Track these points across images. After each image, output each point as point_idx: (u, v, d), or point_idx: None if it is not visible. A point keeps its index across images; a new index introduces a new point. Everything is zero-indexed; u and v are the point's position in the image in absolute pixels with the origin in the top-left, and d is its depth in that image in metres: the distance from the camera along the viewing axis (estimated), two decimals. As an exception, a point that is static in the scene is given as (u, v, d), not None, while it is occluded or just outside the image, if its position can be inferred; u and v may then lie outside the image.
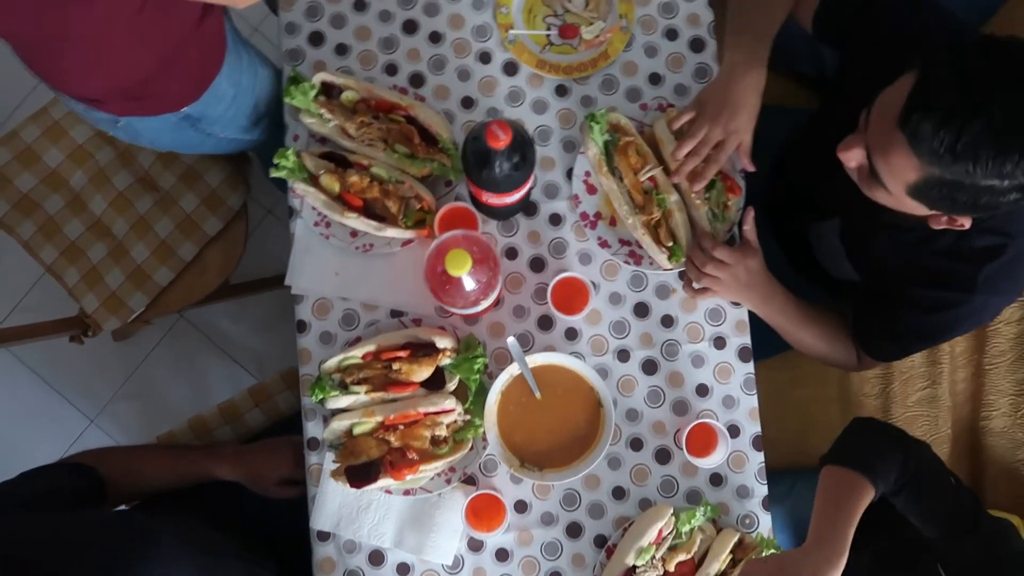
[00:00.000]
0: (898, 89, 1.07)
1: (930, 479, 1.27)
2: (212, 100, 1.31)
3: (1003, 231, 1.22)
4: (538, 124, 1.47)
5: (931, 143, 1.01)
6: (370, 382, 1.36)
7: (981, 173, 1.01)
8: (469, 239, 1.15)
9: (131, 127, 1.29)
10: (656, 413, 1.43)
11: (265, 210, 2.31)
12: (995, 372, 1.77)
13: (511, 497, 1.41)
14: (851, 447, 1.32)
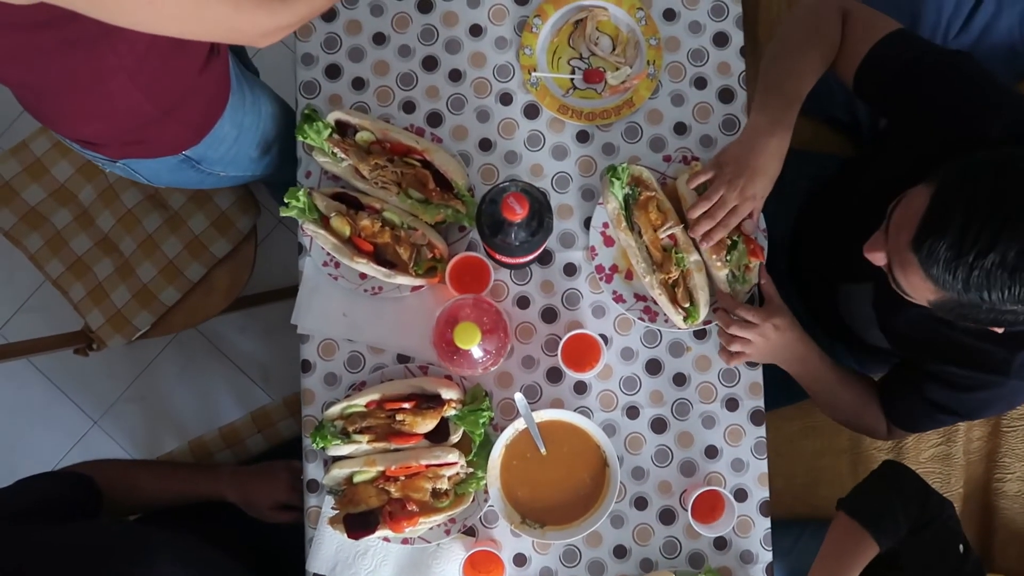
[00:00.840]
0: (914, 205, 1.04)
1: (939, 538, 1.27)
2: (213, 142, 1.28)
3: None
4: (557, 170, 1.43)
5: (943, 274, 1.00)
6: (373, 431, 1.34)
7: (998, 301, 0.99)
8: (479, 306, 1.12)
9: (129, 168, 1.26)
10: (663, 473, 1.40)
11: (276, 219, 2.28)
12: (1013, 434, 1.73)
13: (510, 550, 1.39)
14: (868, 498, 1.33)
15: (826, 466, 1.76)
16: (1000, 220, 0.97)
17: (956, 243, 0.99)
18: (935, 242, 1.01)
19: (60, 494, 1.35)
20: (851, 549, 1.29)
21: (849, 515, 1.32)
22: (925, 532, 1.27)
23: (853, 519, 1.31)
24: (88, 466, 1.45)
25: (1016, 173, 0.99)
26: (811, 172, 1.65)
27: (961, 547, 1.27)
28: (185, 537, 1.35)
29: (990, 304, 1.01)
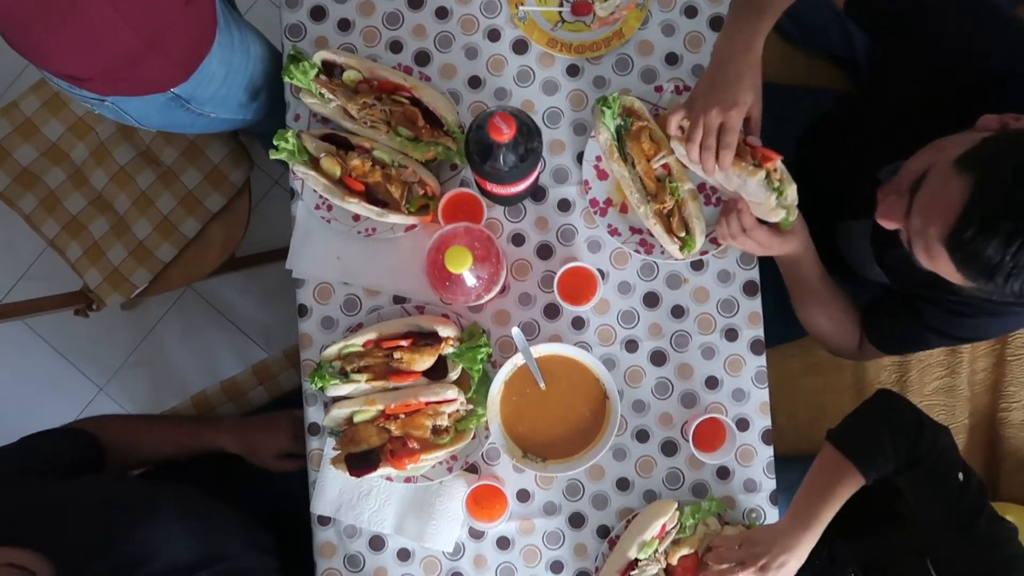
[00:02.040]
0: (948, 193, 0.99)
1: (935, 469, 1.25)
2: (202, 80, 1.26)
3: None
4: (548, 106, 1.41)
5: (978, 277, 0.99)
6: (371, 370, 1.34)
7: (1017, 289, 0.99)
8: (471, 233, 1.11)
9: (118, 107, 1.25)
10: (664, 405, 1.40)
11: (272, 180, 2.27)
12: (1017, 363, 1.72)
13: (513, 486, 1.39)
14: (856, 430, 1.31)
15: (828, 403, 1.75)
16: None
17: (1000, 254, 0.96)
18: (975, 246, 0.97)
19: (63, 450, 1.37)
20: (835, 480, 1.26)
21: (836, 447, 1.29)
22: (922, 464, 1.25)
23: (839, 451, 1.28)
24: (91, 422, 1.47)
25: None
26: (808, 108, 1.63)
27: (960, 475, 1.24)
28: (186, 489, 1.36)
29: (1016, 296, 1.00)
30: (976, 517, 1.22)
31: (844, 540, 1.54)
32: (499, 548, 1.40)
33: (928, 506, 1.27)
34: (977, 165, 0.99)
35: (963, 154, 1.01)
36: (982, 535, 1.22)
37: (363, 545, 1.40)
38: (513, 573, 1.39)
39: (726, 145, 1.24)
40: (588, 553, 1.39)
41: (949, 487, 1.24)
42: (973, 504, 1.23)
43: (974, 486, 1.24)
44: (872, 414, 1.32)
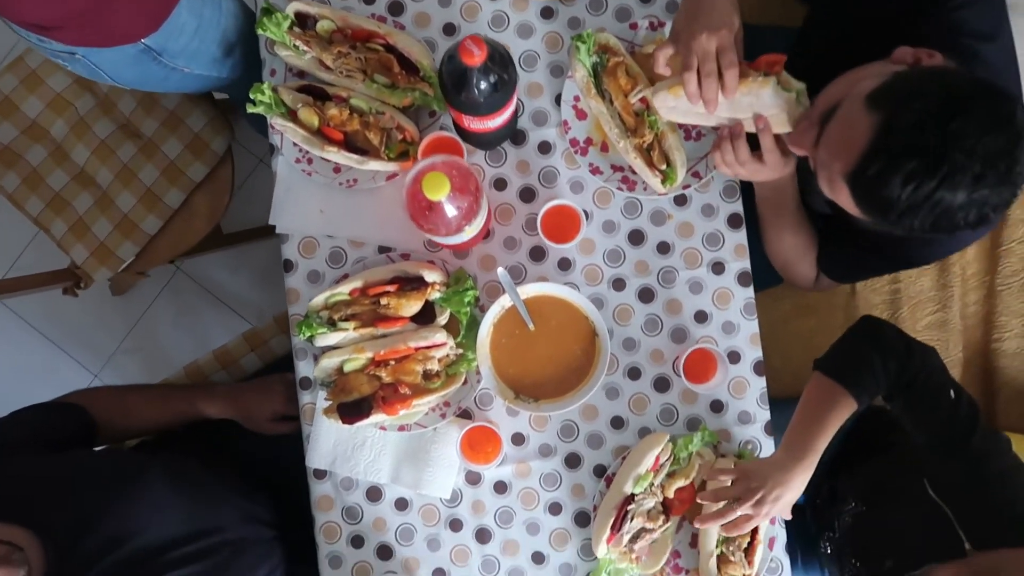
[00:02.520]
0: (853, 129, 1.02)
1: (926, 390, 1.24)
2: (173, 31, 1.26)
3: None
4: (524, 49, 1.41)
5: (874, 212, 1.04)
6: (358, 318, 1.34)
7: (920, 231, 1.03)
8: (448, 164, 1.11)
9: (89, 60, 1.25)
10: (654, 341, 1.40)
11: (256, 159, 2.27)
12: (1008, 292, 1.72)
13: (508, 430, 1.39)
14: (844, 355, 1.30)
15: (822, 343, 1.72)
16: (944, 173, 0.97)
17: (897, 193, 0.99)
18: (874, 185, 1.01)
19: (52, 424, 1.36)
20: (827, 407, 1.25)
21: (825, 373, 1.28)
22: (912, 388, 1.24)
23: (829, 377, 1.27)
24: (81, 395, 1.46)
25: (966, 117, 0.97)
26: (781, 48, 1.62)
27: (952, 393, 1.24)
28: (178, 461, 1.35)
29: (911, 232, 1.04)
30: (969, 434, 1.22)
31: (844, 474, 1.54)
32: (496, 492, 1.39)
33: (922, 426, 1.26)
34: (884, 104, 1.01)
35: (873, 90, 1.03)
36: (976, 451, 1.22)
37: (360, 496, 1.40)
38: (512, 517, 1.39)
39: (728, 65, 1.17)
40: (586, 493, 1.39)
41: (941, 406, 1.24)
42: (966, 421, 1.23)
43: (966, 404, 1.24)
44: (859, 339, 1.31)
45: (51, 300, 2.22)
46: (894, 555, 1.30)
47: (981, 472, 1.22)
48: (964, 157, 0.96)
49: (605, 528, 1.31)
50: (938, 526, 1.25)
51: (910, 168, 0.98)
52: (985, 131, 0.97)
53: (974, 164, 0.97)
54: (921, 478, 1.30)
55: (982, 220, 1.02)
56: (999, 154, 0.97)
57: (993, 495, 1.21)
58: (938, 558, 1.21)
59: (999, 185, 0.99)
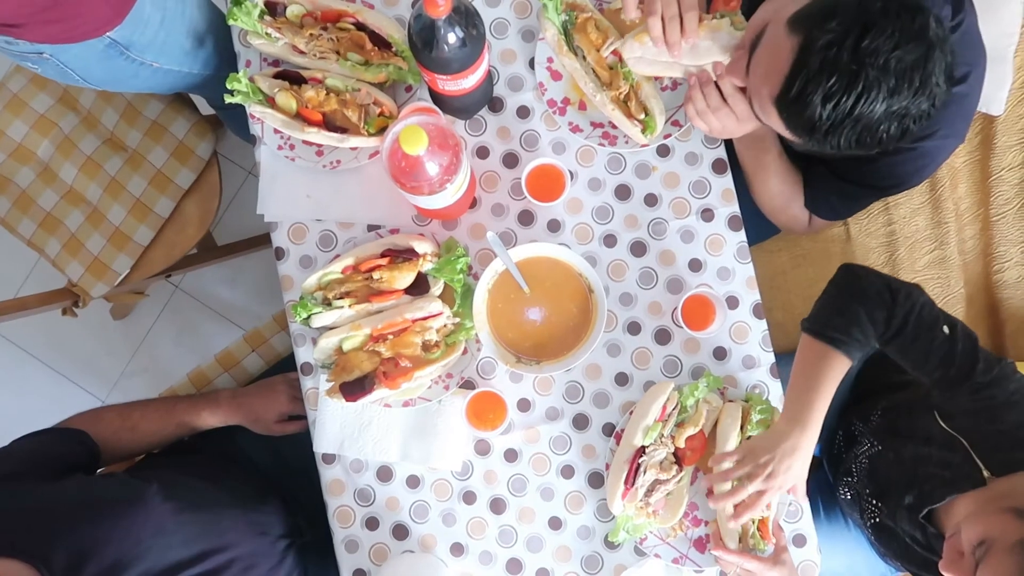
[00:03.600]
0: (778, 55, 1.05)
1: (918, 330, 1.21)
2: (138, 23, 1.27)
3: None
4: (493, 17, 1.42)
5: (802, 133, 1.07)
6: (353, 295, 1.34)
7: (848, 149, 1.07)
8: (425, 121, 1.11)
9: (58, 60, 1.26)
10: (650, 294, 1.39)
11: (245, 171, 2.29)
12: (1003, 222, 1.71)
13: (513, 396, 1.38)
14: (828, 312, 1.27)
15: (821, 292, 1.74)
16: (860, 89, 1.00)
17: (817, 112, 1.03)
18: (797, 106, 1.04)
19: (53, 451, 1.33)
20: (821, 369, 1.22)
21: (813, 335, 1.25)
22: (903, 331, 1.21)
23: (817, 339, 1.24)
24: (82, 419, 1.44)
25: (878, 32, 1.00)
26: None
27: (945, 327, 1.21)
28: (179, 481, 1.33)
29: (834, 151, 1.08)
30: (971, 365, 1.19)
31: (858, 418, 1.52)
32: (507, 461, 1.38)
33: (922, 366, 1.23)
34: (802, 26, 1.04)
35: (794, 14, 1.06)
36: (981, 381, 1.19)
37: (371, 477, 1.39)
38: (525, 484, 1.38)
39: (687, 8, 1.22)
40: (597, 453, 1.37)
41: (936, 343, 1.20)
42: (965, 354, 1.20)
43: (961, 336, 1.21)
44: (840, 293, 1.28)
45: (54, 330, 2.23)
46: (913, 490, 1.27)
47: (990, 401, 1.19)
48: (878, 72, 1.00)
49: (619, 483, 1.30)
50: (955, 457, 1.23)
51: (828, 87, 1.01)
52: (897, 45, 1.00)
53: (888, 78, 1.00)
54: (931, 411, 1.29)
55: (904, 132, 1.05)
56: (912, 67, 1.00)
57: (1006, 420, 1.18)
58: (958, 488, 1.19)
59: (915, 97, 1.02)
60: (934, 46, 1.01)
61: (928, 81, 1.02)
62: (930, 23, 1.02)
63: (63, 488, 1.24)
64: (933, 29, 1.01)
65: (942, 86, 1.04)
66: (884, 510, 1.36)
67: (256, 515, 1.40)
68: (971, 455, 1.18)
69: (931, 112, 1.05)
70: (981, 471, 1.17)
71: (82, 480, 1.31)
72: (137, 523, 1.19)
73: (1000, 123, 1.70)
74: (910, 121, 1.04)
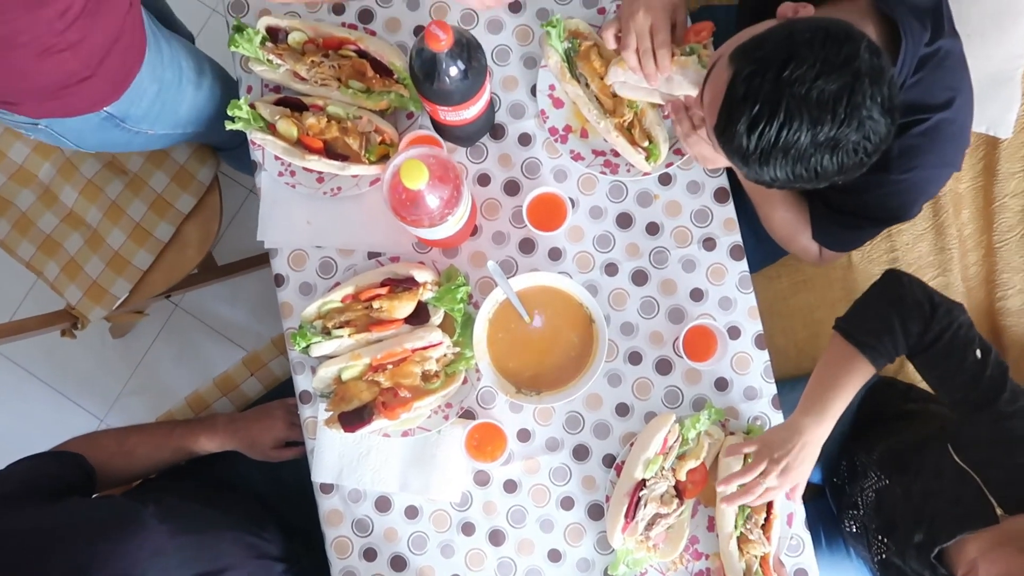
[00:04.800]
0: (718, 86, 1.05)
1: (951, 348, 1.20)
2: (134, 97, 1.26)
3: (916, 107, 1.18)
4: (496, 44, 1.42)
5: (739, 163, 1.06)
6: (352, 324, 1.33)
7: (786, 182, 1.06)
8: (426, 154, 1.11)
9: (52, 130, 1.25)
10: (652, 324, 1.38)
11: (247, 190, 2.28)
12: (1006, 249, 1.70)
13: (513, 426, 1.37)
14: (864, 316, 1.27)
15: (823, 318, 1.73)
16: (781, 119, 0.99)
17: (745, 142, 1.03)
18: (726, 136, 1.04)
19: (49, 474, 1.32)
20: (845, 370, 1.22)
21: (843, 336, 1.26)
22: (935, 346, 1.21)
23: (846, 340, 1.25)
24: (79, 441, 1.42)
25: (798, 62, 0.99)
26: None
27: (978, 351, 1.20)
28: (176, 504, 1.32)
29: (780, 184, 1.07)
30: (997, 393, 1.18)
31: (863, 449, 1.50)
32: (507, 492, 1.37)
33: (946, 385, 1.23)
34: (736, 58, 1.04)
35: (736, 46, 1.06)
36: (1004, 411, 1.17)
37: (369, 508, 1.37)
38: (524, 515, 1.36)
39: (660, 44, 1.26)
40: (597, 484, 1.36)
41: (967, 364, 1.19)
42: (992, 380, 1.19)
43: (993, 363, 1.20)
44: (880, 298, 1.27)
45: (53, 350, 2.22)
46: (922, 528, 1.25)
47: (1009, 433, 1.17)
48: (798, 102, 0.99)
49: (619, 517, 1.28)
50: (967, 493, 1.20)
51: (751, 116, 1.01)
52: (819, 75, 0.98)
53: (810, 108, 0.99)
54: (945, 444, 1.26)
55: (843, 165, 1.03)
56: (835, 97, 0.99)
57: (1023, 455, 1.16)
58: (969, 526, 1.17)
59: (840, 127, 1.00)
60: (861, 76, 0.99)
61: (856, 112, 0.99)
62: (860, 53, 1.00)
63: (59, 511, 1.23)
64: (863, 59, 0.99)
65: (876, 118, 1.01)
66: (892, 547, 1.34)
67: (253, 538, 1.38)
68: (983, 491, 1.17)
69: (867, 144, 1.02)
70: (994, 508, 1.15)
71: (78, 503, 1.29)
72: (133, 545, 1.18)
73: (1004, 149, 1.69)
74: (843, 153, 1.02)
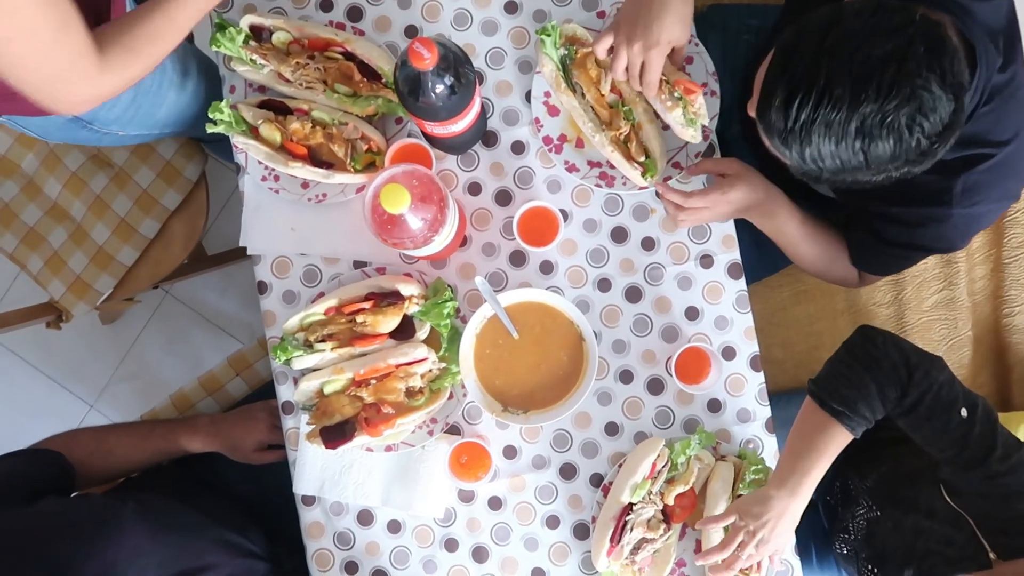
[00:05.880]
0: (762, 70, 1.01)
1: (933, 411, 1.13)
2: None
3: (983, 141, 1.11)
4: (490, 47, 1.36)
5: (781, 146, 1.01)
6: (335, 338, 1.29)
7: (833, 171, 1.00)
8: (408, 174, 1.06)
9: (16, 123, 1.20)
10: (644, 342, 1.34)
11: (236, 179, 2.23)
12: (1015, 264, 1.65)
13: (499, 443, 1.34)
14: (836, 380, 1.18)
15: (824, 329, 1.69)
16: (819, 92, 0.93)
17: (783, 119, 0.97)
18: (766, 116, 0.99)
19: (27, 473, 1.30)
20: (820, 437, 1.15)
21: (818, 403, 1.17)
22: (916, 410, 1.14)
23: (821, 408, 1.16)
24: (58, 440, 1.40)
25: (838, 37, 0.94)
26: (754, 25, 1.57)
27: (964, 410, 1.13)
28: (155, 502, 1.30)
29: (830, 174, 1.01)
30: (987, 452, 1.11)
31: (856, 473, 1.47)
32: (491, 509, 1.34)
33: (932, 445, 1.16)
34: (779, 37, 0.99)
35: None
36: (997, 469, 1.11)
37: (351, 521, 1.35)
38: (509, 533, 1.34)
39: (647, 84, 1.23)
40: (583, 504, 1.34)
41: (952, 425, 1.12)
42: (981, 438, 1.12)
43: (980, 419, 1.13)
44: (854, 361, 1.18)
45: (42, 334, 2.19)
46: (912, 564, 1.21)
47: (1004, 488, 1.12)
48: (837, 68, 0.93)
49: (604, 540, 1.26)
50: (959, 535, 1.17)
51: (787, 87, 0.96)
52: (863, 41, 0.93)
53: (851, 75, 0.92)
54: (938, 483, 1.22)
55: (902, 144, 0.95)
56: (881, 63, 0.92)
57: (1017, 508, 1.11)
58: (962, 568, 1.13)
59: (892, 98, 0.92)
60: (915, 42, 0.92)
61: (907, 81, 0.92)
62: (914, 19, 0.94)
63: (37, 511, 1.21)
64: (918, 25, 0.93)
65: (934, 91, 0.93)
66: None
67: (237, 537, 1.37)
68: (977, 535, 1.13)
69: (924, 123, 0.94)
70: (987, 553, 1.12)
71: (56, 502, 1.28)
72: (112, 544, 1.17)
73: (1017, 161, 1.63)
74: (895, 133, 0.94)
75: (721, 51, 1.51)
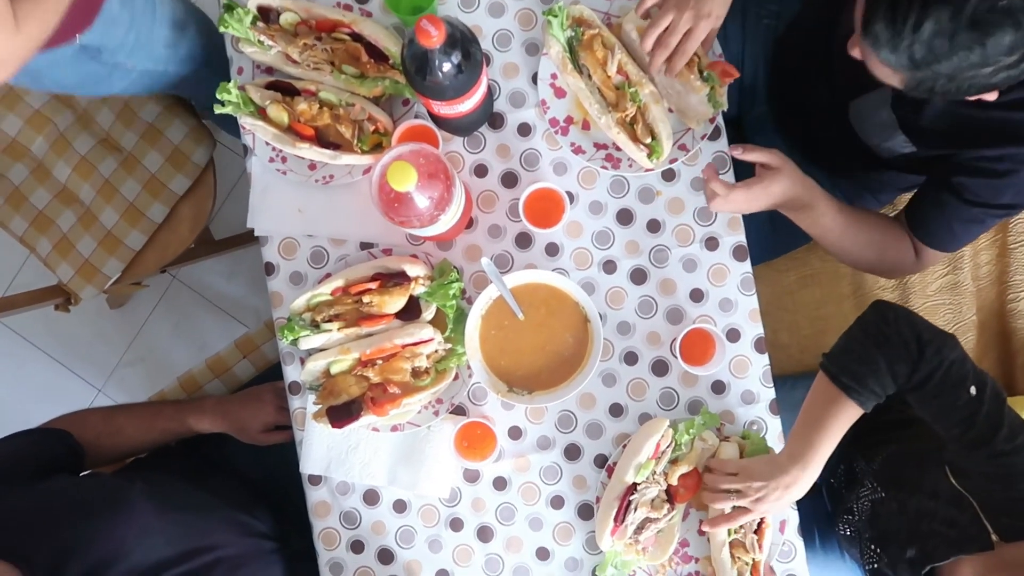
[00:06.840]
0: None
1: (942, 387, 1.14)
2: (107, 25, 1.21)
3: None
4: (496, 28, 1.36)
5: (890, 55, 0.99)
6: (342, 318, 1.30)
7: (951, 70, 0.98)
8: (415, 153, 1.07)
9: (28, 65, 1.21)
10: (649, 324, 1.35)
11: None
12: (1021, 250, 1.65)
13: (504, 424, 1.35)
14: (848, 355, 1.19)
15: (830, 314, 1.69)
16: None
17: (891, 21, 0.97)
18: (874, 25, 0.99)
19: (37, 451, 1.32)
20: (831, 412, 1.17)
21: (829, 377, 1.19)
22: (925, 386, 1.15)
23: (832, 382, 1.18)
24: (67, 420, 1.42)
25: None
26: (774, 10, 1.57)
27: (973, 388, 1.13)
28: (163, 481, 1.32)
29: (946, 74, 0.99)
30: (994, 431, 1.12)
31: (862, 455, 1.47)
32: (496, 489, 1.35)
33: (940, 423, 1.17)
34: None
35: None
36: (1003, 448, 1.12)
37: (357, 500, 1.36)
38: (513, 513, 1.35)
39: (683, 52, 1.23)
40: (588, 484, 1.35)
41: (960, 403, 1.13)
42: (988, 417, 1.12)
43: (989, 398, 1.13)
44: (866, 336, 1.19)
45: (51, 318, 2.21)
46: (915, 544, 1.22)
47: (1009, 468, 1.12)
48: None
49: (608, 520, 1.27)
50: (962, 516, 1.17)
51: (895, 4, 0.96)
52: None
53: None
54: (943, 464, 1.23)
55: (1017, 28, 0.92)
56: None
57: (1021, 488, 1.12)
58: (964, 549, 1.14)
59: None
60: None
61: None
62: None
63: (46, 488, 1.23)
64: None
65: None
66: (884, 558, 1.32)
67: (244, 516, 1.39)
68: (980, 517, 1.14)
69: None
70: (989, 534, 1.12)
71: (65, 480, 1.30)
72: (121, 522, 1.18)
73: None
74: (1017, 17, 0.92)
75: (741, 36, 1.50)
